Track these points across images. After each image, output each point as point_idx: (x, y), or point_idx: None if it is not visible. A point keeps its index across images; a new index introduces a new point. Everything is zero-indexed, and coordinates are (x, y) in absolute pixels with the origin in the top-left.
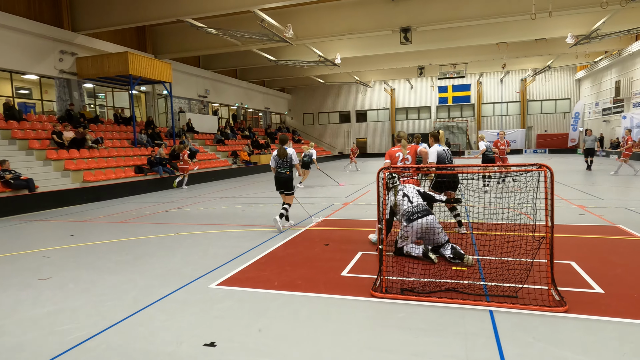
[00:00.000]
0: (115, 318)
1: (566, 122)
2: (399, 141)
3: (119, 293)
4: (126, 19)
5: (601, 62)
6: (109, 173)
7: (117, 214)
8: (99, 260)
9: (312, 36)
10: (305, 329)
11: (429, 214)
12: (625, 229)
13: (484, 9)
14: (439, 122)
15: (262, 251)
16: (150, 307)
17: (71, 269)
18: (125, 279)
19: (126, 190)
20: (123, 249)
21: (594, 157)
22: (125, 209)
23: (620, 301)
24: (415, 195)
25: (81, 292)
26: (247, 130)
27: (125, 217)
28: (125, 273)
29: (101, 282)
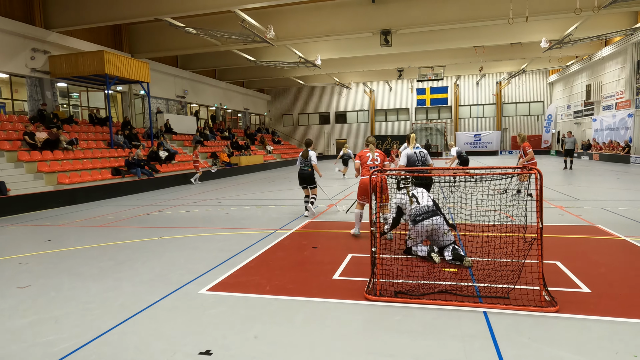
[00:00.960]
0: (103, 327)
1: (539, 124)
2: (368, 145)
3: (104, 300)
4: (102, 16)
5: (573, 67)
6: (84, 175)
7: (95, 217)
8: (81, 266)
9: (292, 37)
10: (302, 334)
11: (434, 215)
12: (604, 229)
13: (462, 13)
14: (418, 124)
15: (251, 255)
16: (139, 314)
17: (51, 276)
18: (110, 285)
19: (103, 193)
20: (105, 254)
21: (573, 158)
22: (104, 213)
23: (608, 300)
24: (425, 197)
25: (64, 300)
26: (227, 131)
27: (104, 221)
28: (109, 279)
29: (85, 290)
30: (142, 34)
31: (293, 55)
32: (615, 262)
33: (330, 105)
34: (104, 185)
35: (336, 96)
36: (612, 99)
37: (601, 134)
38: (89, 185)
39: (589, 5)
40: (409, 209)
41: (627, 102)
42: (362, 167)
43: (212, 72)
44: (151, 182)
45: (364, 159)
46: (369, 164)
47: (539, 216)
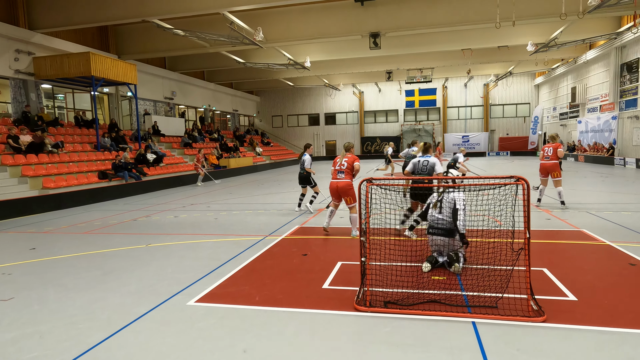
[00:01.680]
0: (90, 342)
1: (526, 125)
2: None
3: (91, 313)
4: (88, 18)
5: (558, 69)
6: (70, 179)
7: (81, 223)
8: (66, 276)
9: (282, 39)
10: (292, 347)
11: (443, 235)
12: (590, 234)
13: (451, 16)
14: (407, 125)
15: (240, 263)
16: (126, 328)
17: (36, 287)
18: (97, 297)
19: (90, 198)
20: (91, 263)
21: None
22: (90, 218)
23: (594, 309)
24: (449, 208)
25: (49, 313)
26: (216, 133)
27: (91, 227)
28: (95, 290)
29: (70, 302)
30: (129, 35)
31: (282, 57)
32: (600, 269)
33: (319, 107)
34: (91, 190)
35: (325, 98)
36: (597, 102)
37: (586, 135)
38: (74, 190)
39: (574, 10)
40: (430, 214)
41: (611, 104)
42: (333, 171)
43: (200, 74)
44: (139, 185)
45: (334, 163)
46: (337, 168)
47: (526, 226)
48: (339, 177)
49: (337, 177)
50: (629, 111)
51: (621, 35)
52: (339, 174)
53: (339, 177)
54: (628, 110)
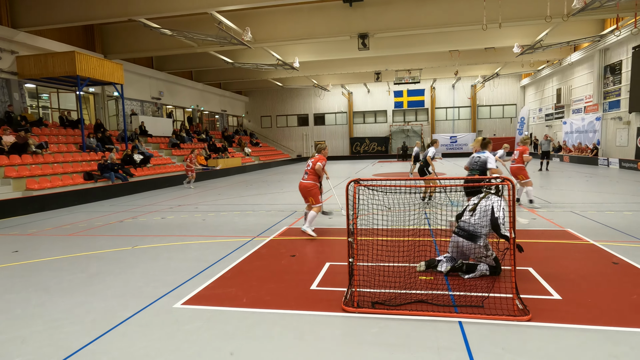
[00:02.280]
0: (73, 347)
1: (513, 126)
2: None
3: (75, 317)
4: (73, 16)
5: (544, 71)
6: (55, 180)
7: (66, 225)
8: (50, 279)
9: (270, 40)
10: (280, 350)
11: (464, 237)
12: (574, 233)
13: (438, 18)
14: (395, 126)
15: (227, 265)
16: (111, 332)
17: (18, 291)
18: (81, 300)
19: (75, 199)
20: (76, 266)
21: (549, 159)
22: (75, 220)
23: (577, 308)
24: (483, 214)
25: (31, 317)
26: (204, 134)
27: (76, 229)
28: (80, 294)
29: (53, 306)
30: (116, 35)
31: (271, 58)
32: (584, 267)
33: (308, 107)
34: (76, 191)
35: (314, 98)
36: (581, 103)
37: (571, 136)
38: (59, 191)
39: (559, 13)
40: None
41: (595, 105)
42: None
43: (188, 74)
44: (125, 186)
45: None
46: (305, 169)
47: (511, 226)
48: (304, 178)
49: (303, 178)
50: (613, 112)
51: (604, 38)
52: (305, 174)
53: (304, 178)
54: (611, 112)
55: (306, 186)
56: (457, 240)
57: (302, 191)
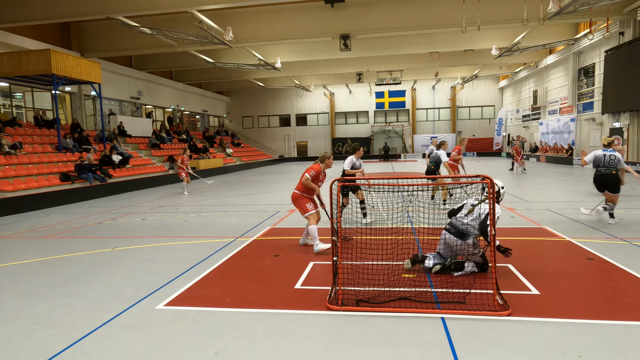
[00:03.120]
0: (52, 350)
1: (491, 127)
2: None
3: (53, 320)
4: (48, 14)
5: (521, 73)
6: (30, 182)
7: (42, 227)
8: (26, 282)
9: (252, 39)
10: (264, 349)
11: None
12: (551, 230)
13: (419, 20)
14: (377, 127)
15: (210, 265)
16: (91, 334)
17: None
18: (59, 303)
19: (51, 201)
20: (53, 269)
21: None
22: (51, 222)
23: (555, 302)
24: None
25: (7, 321)
26: (184, 134)
27: (52, 232)
28: (58, 297)
29: (30, 309)
30: (93, 33)
31: (252, 58)
32: (561, 263)
33: (290, 108)
34: (52, 193)
35: (296, 99)
36: (557, 104)
37: (547, 137)
38: (34, 193)
39: (535, 17)
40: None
41: (570, 107)
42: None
43: (168, 73)
44: (104, 188)
45: None
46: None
47: (492, 224)
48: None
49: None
50: (586, 114)
51: (578, 42)
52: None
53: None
54: (585, 113)
55: (292, 195)
56: (447, 236)
57: (292, 201)
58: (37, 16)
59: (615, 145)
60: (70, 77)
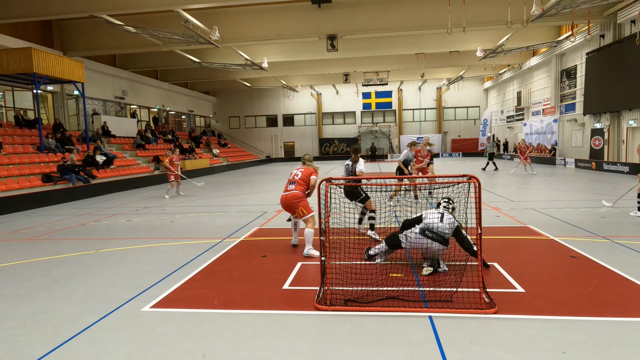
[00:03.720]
0: (33, 355)
1: (476, 128)
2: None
3: (35, 325)
4: (30, 11)
5: (505, 74)
6: (10, 183)
7: (24, 229)
8: (6, 286)
9: (238, 39)
10: (252, 350)
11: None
12: (535, 229)
13: (405, 21)
14: (364, 127)
15: (197, 266)
16: (75, 338)
17: None
18: (42, 307)
19: (33, 202)
20: (35, 272)
21: (493, 160)
22: (33, 224)
23: (540, 299)
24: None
25: None
26: (170, 134)
27: (34, 233)
28: (40, 300)
29: (11, 313)
30: (76, 31)
31: (239, 57)
32: (545, 261)
33: (277, 108)
34: (34, 194)
35: (283, 99)
36: (540, 105)
37: (531, 137)
38: (15, 194)
39: (519, 19)
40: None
41: (553, 108)
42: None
43: (153, 73)
44: (87, 189)
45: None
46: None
47: (478, 223)
48: (289, 189)
49: (288, 189)
50: (569, 114)
51: (561, 44)
52: (290, 184)
53: (289, 189)
54: (568, 114)
55: (293, 196)
56: (429, 243)
57: (288, 203)
58: (18, 14)
59: None
60: (53, 76)
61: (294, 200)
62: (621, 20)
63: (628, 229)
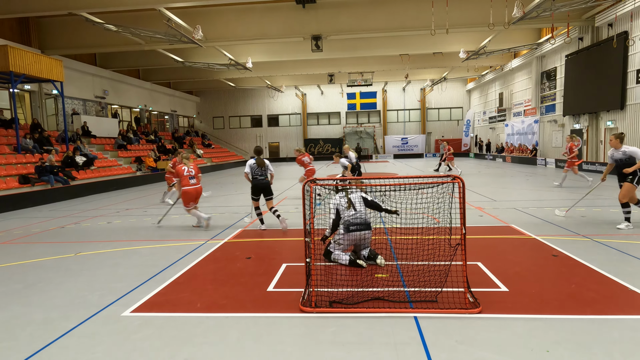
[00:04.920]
0: None
1: (459, 128)
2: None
3: (9, 332)
4: (5, 8)
5: (487, 76)
6: None
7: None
8: None
9: (222, 39)
10: (236, 354)
11: (367, 228)
12: (517, 228)
13: (389, 22)
14: (349, 127)
15: (180, 269)
16: (51, 345)
17: None
18: (16, 313)
19: (9, 205)
20: (10, 276)
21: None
22: (10, 227)
23: (523, 298)
24: (359, 203)
25: None
26: (152, 135)
27: (10, 237)
28: (15, 306)
29: None
30: (55, 29)
31: (223, 57)
32: (527, 260)
33: (262, 108)
34: (10, 196)
35: (268, 99)
36: (521, 106)
37: (512, 138)
38: None
39: (501, 21)
40: (344, 214)
41: (534, 109)
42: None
43: (135, 72)
44: (67, 190)
45: (182, 172)
46: (186, 174)
47: (462, 223)
48: (192, 183)
49: (191, 183)
50: (549, 115)
51: (541, 46)
52: (191, 179)
53: (192, 183)
54: (548, 115)
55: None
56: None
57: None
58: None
59: None
60: (30, 74)
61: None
62: (599, 24)
63: (607, 228)
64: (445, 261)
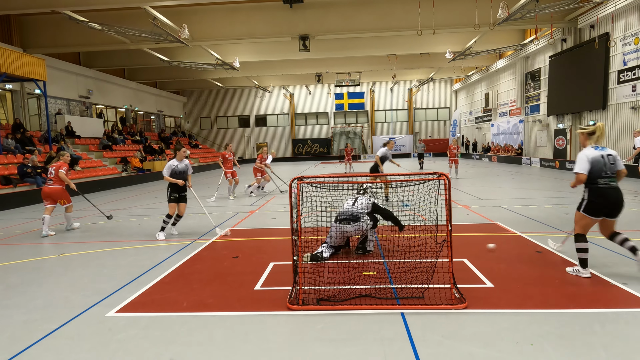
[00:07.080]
0: None
1: (446, 128)
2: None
3: None
4: None
5: (473, 76)
6: None
7: None
8: None
9: (209, 38)
10: (223, 353)
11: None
12: (503, 226)
13: (376, 22)
14: (337, 128)
15: (166, 269)
16: (32, 347)
17: None
18: None
19: None
20: None
21: (423, 159)
22: None
23: (508, 293)
24: (362, 204)
25: None
26: (138, 135)
27: None
28: None
29: None
30: (37, 27)
31: (210, 57)
32: (512, 257)
33: (249, 109)
34: None
35: (256, 99)
36: (507, 107)
37: (498, 137)
38: None
39: (486, 22)
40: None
41: (519, 109)
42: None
43: (120, 71)
44: None
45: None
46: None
47: (448, 219)
48: (49, 184)
49: (48, 184)
50: (533, 115)
51: (525, 47)
52: (49, 181)
53: (49, 184)
54: (532, 115)
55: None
56: (339, 226)
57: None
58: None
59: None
60: (11, 73)
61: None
62: (581, 25)
63: None
64: (432, 258)
